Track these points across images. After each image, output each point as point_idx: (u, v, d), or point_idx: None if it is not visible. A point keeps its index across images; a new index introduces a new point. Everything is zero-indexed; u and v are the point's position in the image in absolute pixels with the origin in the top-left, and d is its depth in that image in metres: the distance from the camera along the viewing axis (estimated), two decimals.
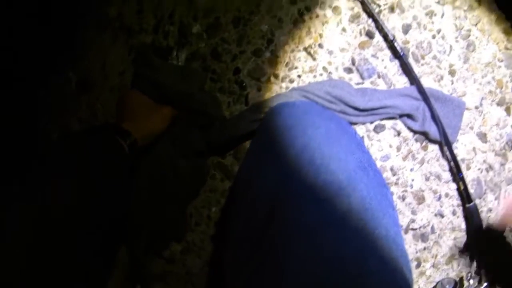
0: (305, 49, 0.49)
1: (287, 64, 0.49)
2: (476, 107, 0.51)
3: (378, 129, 0.48)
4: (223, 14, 0.50)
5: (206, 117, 0.45)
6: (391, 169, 0.49)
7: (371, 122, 0.48)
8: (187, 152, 0.46)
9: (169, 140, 0.45)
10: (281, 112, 0.40)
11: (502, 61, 0.53)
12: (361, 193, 0.30)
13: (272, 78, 0.49)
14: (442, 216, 0.50)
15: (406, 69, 0.48)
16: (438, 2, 0.52)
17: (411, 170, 0.49)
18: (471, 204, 0.48)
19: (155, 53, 0.49)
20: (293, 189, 0.31)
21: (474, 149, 0.51)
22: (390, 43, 0.48)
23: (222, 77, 0.49)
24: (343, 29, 0.50)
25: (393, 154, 0.49)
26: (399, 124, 0.49)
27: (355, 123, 0.47)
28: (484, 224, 0.49)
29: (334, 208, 0.29)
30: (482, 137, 0.51)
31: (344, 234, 0.28)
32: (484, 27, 0.53)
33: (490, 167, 0.52)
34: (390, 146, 0.49)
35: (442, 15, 0.52)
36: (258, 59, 0.49)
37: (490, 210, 0.51)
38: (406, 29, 0.50)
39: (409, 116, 0.48)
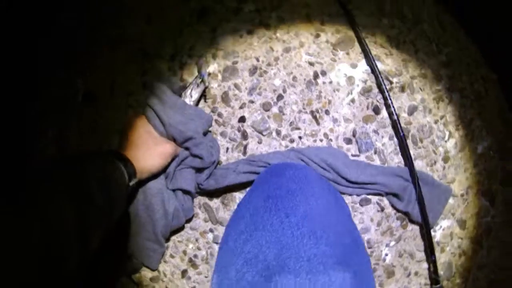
0: (312, 112, 0.51)
1: (291, 124, 0.50)
2: (462, 195, 0.54)
3: (363, 202, 0.50)
4: (242, 60, 0.52)
5: (202, 161, 0.46)
6: (368, 242, 0.51)
7: (358, 195, 0.50)
8: (177, 189, 0.48)
9: (163, 173, 0.47)
10: (284, 173, 0.39)
11: (496, 152, 0.55)
12: (354, 269, 0.32)
13: (274, 134, 0.50)
14: None
15: (403, 150, 0.50)
16: (448, 88, 0.54)
17: (387, 245, 0.51)
18: (438, 285, 0.50)
19: (169, 86, 0.50)
20: (291, 260, 0.32)
21: (451, 234, 0.53)
22: (394, 123, 0.50)
23: (226, 122, 0.51)
24: (352, 100, 0.51)
25: (372, 228, 0.51)
26: (384, 201, 0.51)
27: (343, 193, 0.49)
28: None
29: (329, 282, 0.31)
30: (462, 223, 0.54)
31: None
32: (486, 117, 0.55)
33: (463, 253, 0.54)
34: (371, 220, 0.51)
35: (449, 102, 0.54)
36: (265, 112, 0.51)
37: None
38: (411, 110, 0.52)
39: (395, 195, 0.50)
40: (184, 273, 0.51)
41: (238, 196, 0.50)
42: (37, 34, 0.54)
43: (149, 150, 0.43)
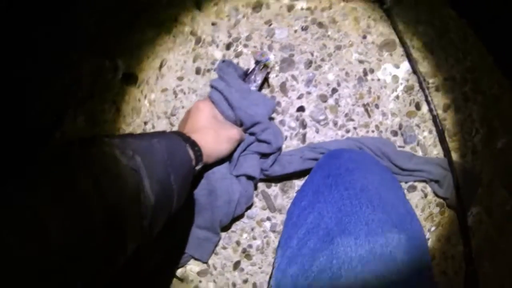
0: (364, 105, 0.54)
1: (346, 115, 0.54)
2: (487, 185, 0.60)
3: (410, 189, 0.54)
4: (297, 53, 0.54)
5: (269, 147, 0.47)
6: None
7: (406, 182, 0.54)
8: (241, 175, 0.47)
9: (227, 159, 0.47)
10: (342, 155, 0.42)
11: None
12: (408, 233, 0.34)
13: (331, 124, 0.53)
14: (445, 274, 0.57)
15: (442, 143, 0.56)
16: (473, 90, 0.61)
17: (428, 230, 0.56)
18: (472, 268, 0.55)
19: (234, 70, 0.49)
20: (351, 224, 0.33)
21: (480, 220, 0.59)
22: (433, 118, 0.55)
23: (285, 111, 0.53)
24: (397, 96, 0.56)
25: (417, 213, 0.55)
26: (427, 188, 0.55)
27: None
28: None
29: (386, 243, 0.32)
30: (488, 211, 0.60)
31: (392, 267, 0.31)
32: (504, 117, 0.63)
33: (490, 238, 0.60)
34: (416, 206, 0.55)
35: (474, 102, 0.61)
36: (322, 103, 0.53)
37: (485, 274, 0.59)
38: (445, 108, 0.58)
39: (437, 181, 0.54)
40: (236, 264, 0.50)
41: (297, 183, 0.51)
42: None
43: (217, 134, 0.42)
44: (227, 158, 0.46)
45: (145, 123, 0.56)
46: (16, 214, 0.20)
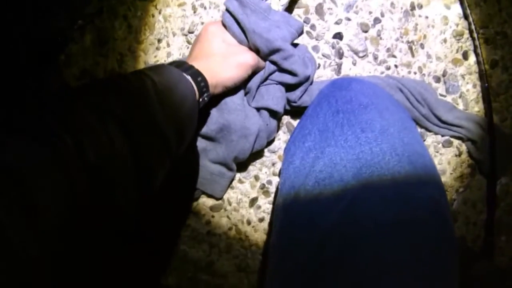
0: (408, 42, 0.48)
1: (388, 50, 0.47)
2: None
3: (446, 144, 0.49)
4: None
5: (294, 78, 0.39)
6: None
7: (443, 135, 0.48)
8: (261, 108, 0.40)
9: (243, 89, 0.39)
10: (351, 86, 0.34)
11: None
12: (439, 191, 0.29)
13: (371, 57, 0.46)
14: (464, 239, 0.52)
15: (485, 100, 0.50)
16: None
17: (456, 191, 0.51)
18: (490, 238, 0.51)
19: None
20: (373, 178, 0.27)
21: (507, 191, 0.54)
22: (481, 72, 0.49)
23: (320, 36, 0.45)
24: (444, 40, 0.49)
25: (448, 171, 0.50)
26: (463, 146, 0.50)
27: (430, 131, 0.47)
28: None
29: (417, 205, 0.27)
30: None
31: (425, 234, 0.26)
32: None
33: None
34: (449, 163, 0.50)
35: None
36: (363, 33, 0.46)
37: (500, 248, 0.55)
38: (493, 64, 0.52)
39: (474, 142, 0.49)
40: (253, 201, 0.44)
41: None
42: None
43: (225, 59, 0.35)
44: (241, 87, 0.39)
45: (159, 40, 0.48)
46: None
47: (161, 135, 0.27)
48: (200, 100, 0.33)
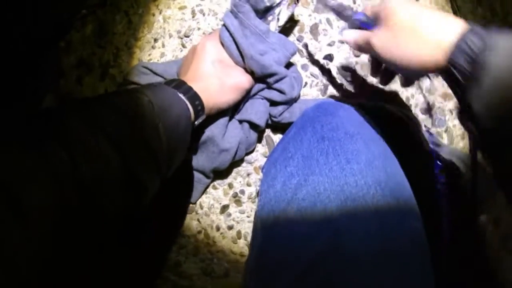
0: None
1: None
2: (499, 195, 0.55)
3: None
4: None
5: (282, 96, 0.40)
6: None
7: None
8: (244, 120, 0.41)
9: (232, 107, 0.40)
10: (337, 112, 0.34)
11: None
12: (413, 221, 0.29)
13: (361, 81, 0.47)
14: None
15: (471, 137, 0.50)
16: None
17: None
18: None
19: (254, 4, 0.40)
20: (357, 212, 0.27)
21: (487, 229, 0.54)
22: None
23: (311, 56, 0.46)
24: (437, 74, 0.50)
25: None
26: None
27: None
28: None
29: (401, 236, 0.27)
30: (496, 221, 0.55)
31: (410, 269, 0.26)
32: None
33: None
34: None
35: None
36: (355, 58, 0.47)
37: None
38: None
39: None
40: (224, 208, 0.45)
41: None
42: None
43: (221, 83, 0.36)
44: (232, 107, 0.40)
45: (155, 40, 0.49)
46: None
47: (152, 153, 0.27)
48: (195, 122, 0.33)
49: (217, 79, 0.36)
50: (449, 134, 0.50)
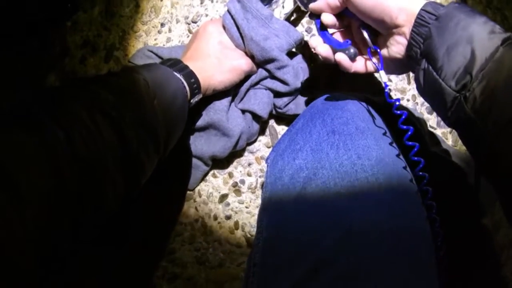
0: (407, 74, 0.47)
1: None
2: None
3: None
4: None
5: (285, 87, 0.40)
6: None
7: None
8: (247, 110, 0.40)
9: (232, 91, 0.40)
10: (347, 107, 0.33)
11: None
12: (422, 221, 0.29)
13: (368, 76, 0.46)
14: None
15: None
16: None
17: None
18: None
19: None
20: (370, 208, 0.27)
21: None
22: None
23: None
24: None
25: None
26: None
27: None
28: None
29: (407, 231, 0.27)
30: (496, 226, 0.54)
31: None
32: None
33: None
34: None
35: None
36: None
37: None
38: None
39: None
40: (223, 197, 0.44)
41: None
42: None
43: (219, 62, 0.36)
44: (231, 89, 0.39)
45: (162, 24, 0.49)
46: None
47: (150, 131, 0.27)
48: (191, 100, 0.33)
49: (215, 59, 0.36)
50: (453, 135, 0.49)
